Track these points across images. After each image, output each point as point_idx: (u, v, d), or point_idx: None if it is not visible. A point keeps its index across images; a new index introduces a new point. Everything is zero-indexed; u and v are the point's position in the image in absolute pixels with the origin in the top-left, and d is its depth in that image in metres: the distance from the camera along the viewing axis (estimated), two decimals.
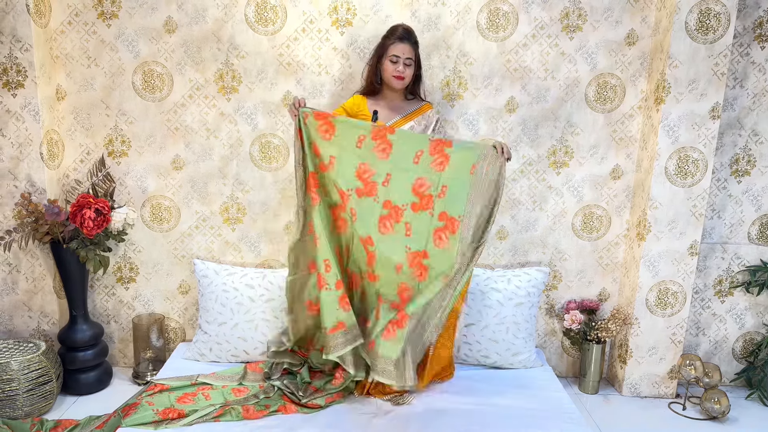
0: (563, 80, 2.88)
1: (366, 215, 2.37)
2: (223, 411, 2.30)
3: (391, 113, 2.62)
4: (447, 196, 2.33)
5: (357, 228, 2.38)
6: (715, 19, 2.64)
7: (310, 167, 2.39)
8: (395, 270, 2.38)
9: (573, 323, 2.97)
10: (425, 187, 2.34)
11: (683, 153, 2.78)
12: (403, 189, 2.35)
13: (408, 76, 2.56)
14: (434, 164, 2.34)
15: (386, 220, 2.36)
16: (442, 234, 2.33)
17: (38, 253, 2.86)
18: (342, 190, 2.38)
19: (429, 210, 2.34)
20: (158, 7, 2.77)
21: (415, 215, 2.35)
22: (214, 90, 2.86)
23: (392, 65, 2.53)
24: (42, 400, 2.60)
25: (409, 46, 2.53)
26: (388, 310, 2.40)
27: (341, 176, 2.38)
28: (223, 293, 2.78)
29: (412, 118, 2.63)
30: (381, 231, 2.37)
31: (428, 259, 2.36)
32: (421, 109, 2.66)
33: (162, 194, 2.97)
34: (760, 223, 3.03)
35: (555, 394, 2.56)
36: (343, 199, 2.38)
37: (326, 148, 2.37)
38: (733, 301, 3.12)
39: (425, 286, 2.37)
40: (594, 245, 3.06)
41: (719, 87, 2.72)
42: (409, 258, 2.37)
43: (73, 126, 2.89)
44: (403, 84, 2.58)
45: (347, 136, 2.37)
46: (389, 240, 2.37)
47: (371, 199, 2.36)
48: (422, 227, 2.35)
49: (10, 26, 2.64)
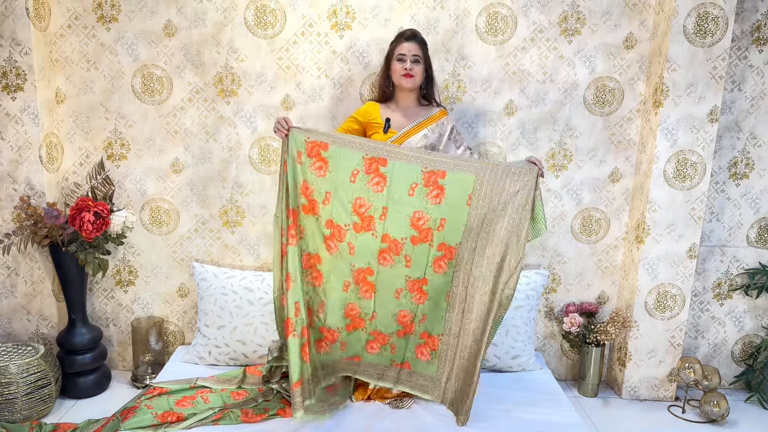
0: (562, 83, 2.88)
1: (365, 250, 2.35)
2: (222, 414, 2.29)
3: (403, 120, 2.56)
4: (446, 229, 2.33)
5: (355, 261, 2.36)
6: (713, 23, 2.65)
7: (292, 205, 2.30)
8: (395, 294, 2.39)
9: (572, 326, 2.97)
10: (423, 220, 2.33)
11: (682, 156, 2.78)
12: (401, 222, 2.34)
13: (417, 73, 2.50)
14: (430, 196, 2.32)
15: (386, 254, 2.36)
16: (441, 262, 2.36)
17: (37, 257, 2.86)
18: (339, 225, 2.34)
19: (429, 242, 2.35)
20: (158, 10, 2.78)
21: (415, 248, 2.35)
22: (214, 93, 2.87)
23: (400, 64, 2.49)
24: (41, 403, 2.60)
25: (414, 44, 2.49)
26: (400, 340, 2.42)
27: (337, 212, 2.34)
28: (222, 296, 2.78)
29: (425, 126, 2.56)
30: (381, 263, 2.37)
31: (427, 285, 2.38)
32: (435, 116, 2.58)
33: (161, 197, 2.97)
34: (759, 226, 3.04)
35: (554, 397, 2.55)
36: (339, 234, 2.35)
37: (320, 184, 2.32)
38: (732, 304, 3.12)
39: (425, 309, 2.39)
40: (593, 248, 3.07)
41: (717, 90, 2.73)
42: (408, 284, 2.39)
43: (73, 129, 2.89)
44: (413, 83, 2.51)
45: (341, 170, 2.32)
46: (389, 271, 2.38)
47: (369, 234, 2.34)
48: (421, 258, 2.36)
49: (10, 29, 2.64)
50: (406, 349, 2.43)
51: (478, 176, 2.32)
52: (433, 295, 2.38)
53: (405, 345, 2.43)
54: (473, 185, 2.31)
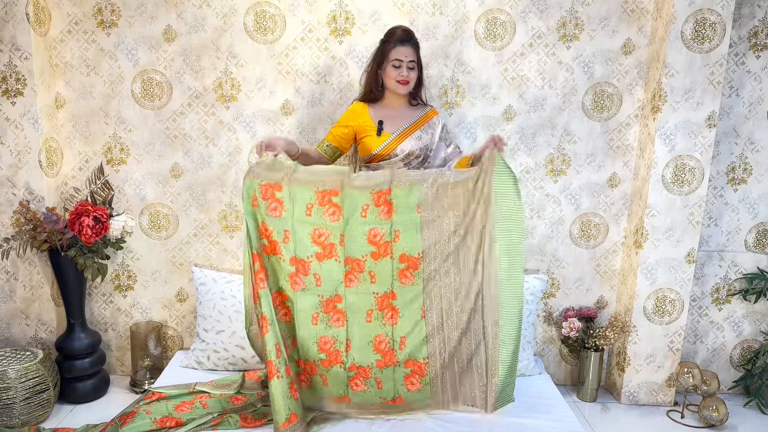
0: (560, 89, 2.89)
1: (330, 277, 2.33)
2: (221, 419, 2.29)
3: (396, 122, 2.53)
4: (401, 239, 2.31)
5: (323, 291, 2.33)
6: (711, 29, 2.66)
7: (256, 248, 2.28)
8: (366, 317, 2.33)
9: (571, 331, 2.97)
10: (379, 235, 2.31)
11: (680, 161, 2.79)
12: (360, 242, 2.31)
13: (413, 79, 2.48)
14: (382, 214, 2.31)
15: (350, 275, 2.33)
16: (407, 272, 2.33)
17: (36, 261, 2.86)
18: (302, 259, 2.31)
19: (389, 255, 2.32)
20: (158, 15, 2.79)
21: (377, 263, 2.32)
22: (213, 98, 2.87)
23: (395, 70, 2.44)
24: (39, 408, 2.59)
25: (410, 48, 2.44)
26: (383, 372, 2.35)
27: (299, 246, 2.31)
28: (221, 301, 2.78)
29: (419, 126, 2.55)
30: (347, 285, 2.33)
31: (395, 299, 2.33)
32: (426, 116, 2.58)
33: (160, 202, 2.97)
34: (757, 231, 3.05)
35: (553, 402, 2.55)
36: (304, 268, 2.31)
37: (278, 224, 2.29)
38: (730, 309, 3.12)
39: (401, 330, 2.33)
40: (592, 253, 3.07)
41: (715, 96, 2.74)
42: (377, 302, 2.34)
43: (72, 134, 2.89)
44: (408, 89, 2.49)
45: (296, 207, 2.29)
46: (356, 291, 2.34)
47: (332, 260, 2.33)
48: (385, 272, 2.33)
49: (10, 35, 2.65)
50: (395, 382, 2.35)
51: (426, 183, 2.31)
52: (406, 311, 2.33)
53: (392, 378, 2.35)
54: (421, 194, 2.30)
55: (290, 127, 2.90)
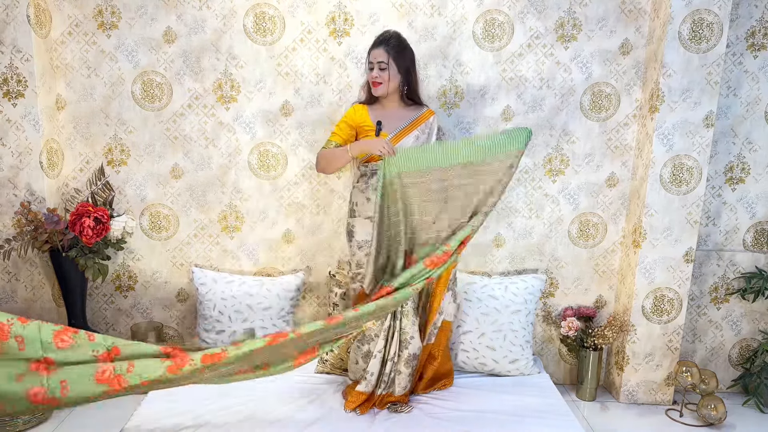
0: (558, 89, 2.91)
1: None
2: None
3: (394, 122, 2.55)
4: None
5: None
6: (708, 29, 2.67)
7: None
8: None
9: (570, 330, 2.98)
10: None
11: (678, 161, 2.80)
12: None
13: (384, 80, 2.48)
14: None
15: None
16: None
17: (37, 262, 2.87)
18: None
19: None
20: (158, 17, 2.80)
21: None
22: (213, 99, 2.89)
23: (370, 72, 2.51)
24: None
25: (381, 49, 2.47)
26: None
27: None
28: (221, 301, 2.79)
29: (415, 127, 2.57)
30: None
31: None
32: (423, 116, 2.60)
33: (161, 203, 2.98)
34: (755, 230, 3.06)
35: (552, 401, 2.56)
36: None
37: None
38: (728, 308, 3.13)
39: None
40: (590, 252, 3.08)
41: (713, 95, 2.75)
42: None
43: (73, 135, 2.91)
44: (380, 90, 2.50)
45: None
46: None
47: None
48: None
49: (11, 36, 2.66)
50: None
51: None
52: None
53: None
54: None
55: (290, 128, 2.92)
